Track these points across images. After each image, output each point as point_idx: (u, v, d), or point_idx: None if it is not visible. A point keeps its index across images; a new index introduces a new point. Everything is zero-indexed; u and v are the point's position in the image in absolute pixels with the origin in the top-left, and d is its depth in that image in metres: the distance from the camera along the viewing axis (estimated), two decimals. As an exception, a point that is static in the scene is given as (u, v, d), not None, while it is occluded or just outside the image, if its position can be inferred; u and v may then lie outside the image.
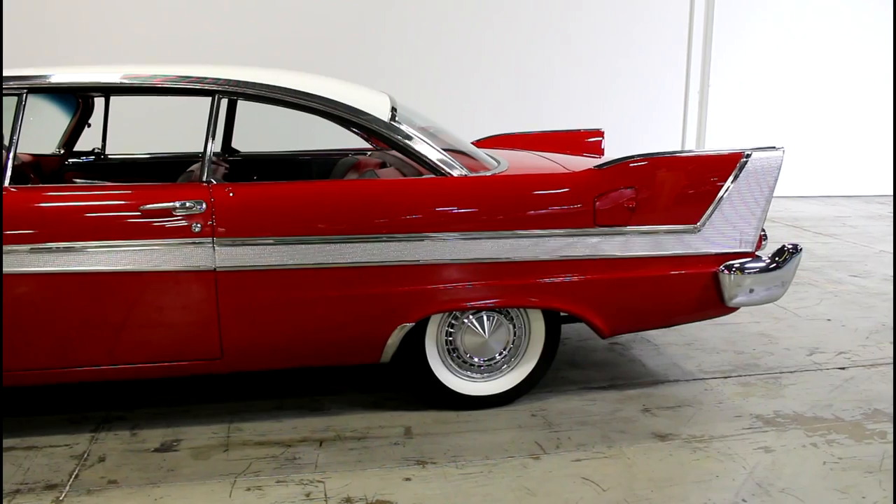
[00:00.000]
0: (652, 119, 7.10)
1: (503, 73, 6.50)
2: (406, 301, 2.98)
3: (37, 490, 2.66)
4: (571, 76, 6.66)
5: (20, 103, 2.92)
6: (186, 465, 2.82)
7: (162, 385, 3.48)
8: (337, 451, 2.91)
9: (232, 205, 2.84)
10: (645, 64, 6.85)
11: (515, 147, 4.37)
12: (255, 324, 2.92)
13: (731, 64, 7.21)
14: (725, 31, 7.06)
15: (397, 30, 6.35)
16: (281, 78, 3.07)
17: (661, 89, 6.95)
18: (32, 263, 2.76)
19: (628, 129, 6.46)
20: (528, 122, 5.36)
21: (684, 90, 7.05)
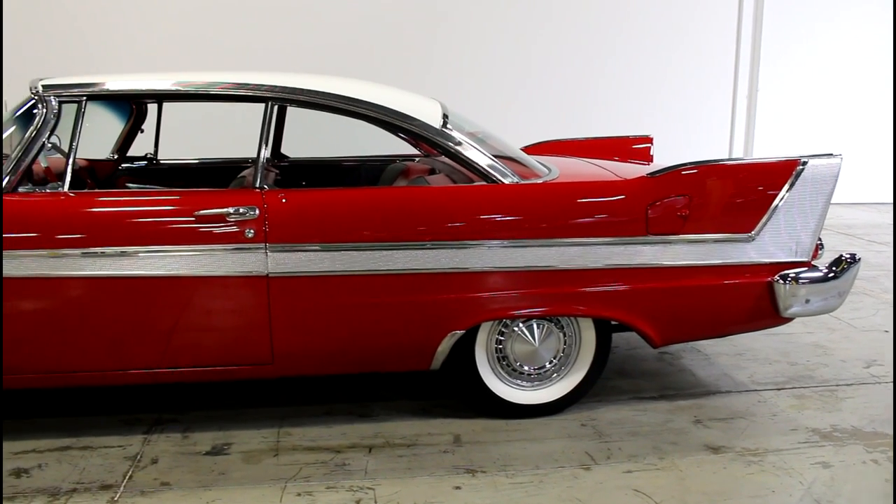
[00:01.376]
0: (699, 125, 7.01)
1: (550, 79, 6.47)
2: (457, 308, 2.97)
3: (92, 490, 2.70)
4: (618, 82, 6.62)
5: (80, 110, 2.97)
6: (237, 468, 2.85)
7: (212, 388, 3.51)
8: (386, 458, 2.91)
9: (284, 211, 2.86)
10: (692, 69, 6.78)
11: (563, 154, 4.34)
12: (307, 329, 2.93)
13: (779, 68, 7.10)
14: (774, 36, 6.95)
15: (445, 36, 6.36)
16: (333, 85, 3.09)
17: (708, 95, 6.86)
18: (87, 267, 2.81)
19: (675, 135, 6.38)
20: (574, 129, 5.33)
21: (732, 95, 6.95)
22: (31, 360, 2.94)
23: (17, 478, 2.78)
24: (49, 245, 2.78)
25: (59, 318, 2.88)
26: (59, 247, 2.79)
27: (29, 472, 2.82)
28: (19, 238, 2.78)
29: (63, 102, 2.98)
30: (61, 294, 2.85)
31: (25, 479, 2.77)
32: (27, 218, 2.82)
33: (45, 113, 2.95)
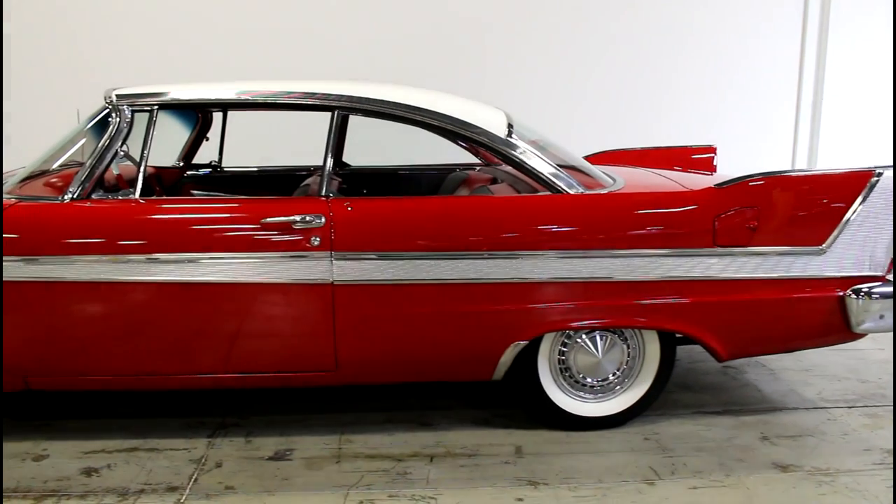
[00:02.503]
0: (760, 134, 6.85)
1: (608, 87, 6.40)
2: (521, 319, 2.96)
3: (159, 491, 2.75)
4: (677, 90, 6.52)
5: (151, 119, 3.04)
6: (300, 474, 2.87)
7: (273, 393, 3.55)
8: (448, 468, 2.90)
9: (350, 219, 2.88)
10: (754, 78, 6.63)
11: (622, 163, 4.29)
12: (371, 338, 2.94)
13: (845, 76, 6.92)
14: (840, 42, 6.79)
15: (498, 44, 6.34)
16: (398, 94, 3.10)
17: (770, 103, 6.71)
18: (156, 272, 2.86)
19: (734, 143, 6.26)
20: (631, 138, 5.26)
21: (796, 103, 6.79)
22: (100, 362, 3.01)
23: (88, 476, 2.85)
24: (120, 251, 2.84)
25: (129, 322, 2.94)
26: (130, 252, 2.85)
27: (99, 472, 2.88)
28: (93, 243, 2.85)
29: (135, 111, 3.05)
30: (130, 299, 2.91)
31: (96, 478, 2.83)
32: (100, 224, 2.89)
33: (119, 122, 3.02)
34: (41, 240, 2.86)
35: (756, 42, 6.58)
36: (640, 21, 6.41)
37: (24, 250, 2.84)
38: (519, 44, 6.37)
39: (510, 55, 6.35)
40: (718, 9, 6.45)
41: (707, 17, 6.44)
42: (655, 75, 6.46)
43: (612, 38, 6.40)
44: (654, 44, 6.45)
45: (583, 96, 6.41)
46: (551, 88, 6.38)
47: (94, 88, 5.54)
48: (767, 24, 6.59)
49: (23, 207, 2.94)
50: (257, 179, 4.41)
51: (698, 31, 6.47)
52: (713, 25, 6.47)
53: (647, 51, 6.44)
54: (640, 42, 6.43)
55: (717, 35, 6.50)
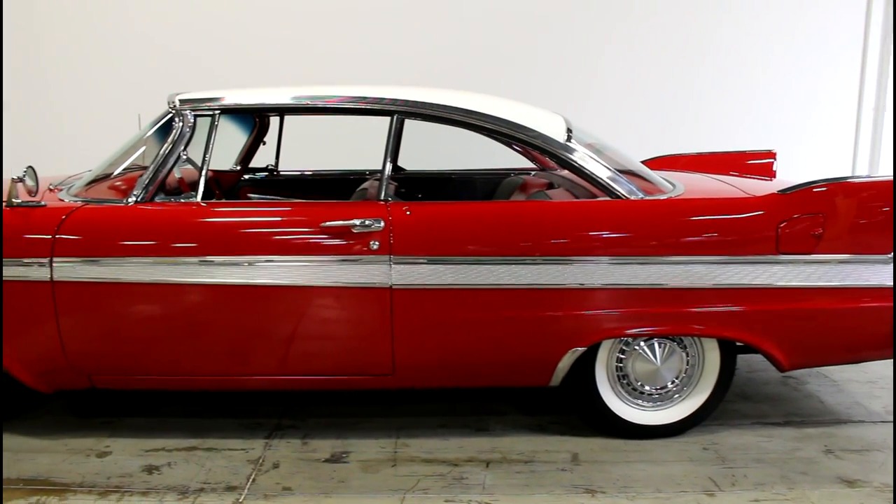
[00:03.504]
0: (819, 139, 6.71)
1: (662, 91, 6.33)
2: (579, 325, 2.93)
3: (218, 490, 2.78)
4: (734, 95, 6.42)
5: (213, 123, 3.09)
6: (356, 477, 2.88)
7: (328, 395, 3.57)
8: (504, 474, 2.89)
9: (409, 223, 2.89)
10: (814, 82, 6.50)
11: (679, 168, 4.23)
12: (429, 342, 2.94)
13: (908, 81, 6.74)
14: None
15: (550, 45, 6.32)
16: (457, 98, 3.10)
17: (830, 107, 6.56)
18: (218, 275, 2.90)
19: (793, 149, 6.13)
20: (685, 143, 5.20)
21: (857, 108, 6.63)
22: (159, 363, 3.06)
23: (149, 474, 2.90)
24: (183, 253, 2.89)
25: (188, 323, 2.99)
26: (192, 255, 2.89)
27: (160, 470, 2.93)
28: (156, 246, 2.90)
29: (198, 116, 3.10)
30: (190, 300, 2.96)
31: (157, 476, 2.88)
32: (163, 226, 2.94)
33: (182, 126, 3.07)
34: (106, 242, 2.92)
35: (817, 46, 6.44)
36: (697, 24, 6.33)
37: (89, 252, 2.90)
38: (572, 47, 6.33)
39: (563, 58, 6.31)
40: (779, 12, 6.33)
41: (768, 21, 6.33)
42: (713, 79, 6.36)
43: (669, 41, 6.33)
44: (712, 48, 6.35)
45: (638, 100, 6.34)
46: (606, 93, 6.33)
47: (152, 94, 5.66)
48: (829, 27, 6.45)
49: (89, 210, 3.00)
50: (312, 183, 4.45)
51: (757, 35, 6.36)
52: (773, 29, 6.35)
53: (703, 55, 6.34)
54: (697, 45, 6.34)
55: (777, 38, 6.38)
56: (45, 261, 2.90)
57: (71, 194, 3.17)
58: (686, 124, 6.36)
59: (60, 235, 2.91)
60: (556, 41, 6.31)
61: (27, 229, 2.94)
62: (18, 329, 3.00)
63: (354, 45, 6.34)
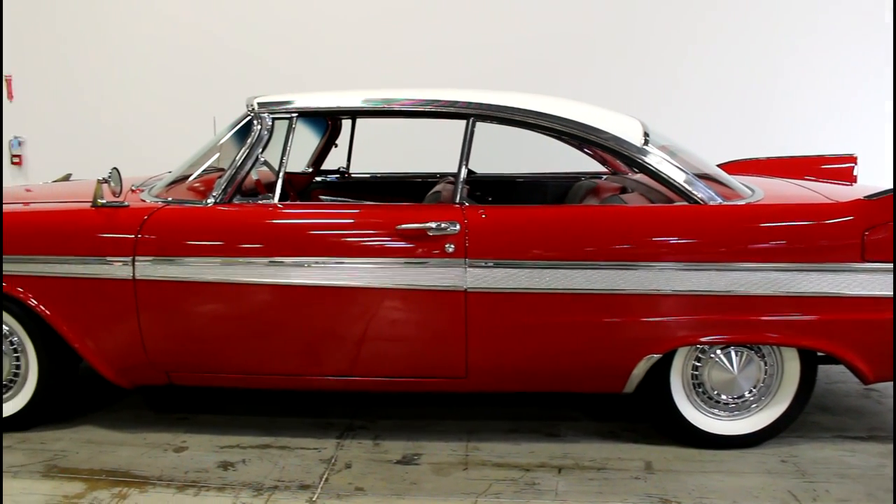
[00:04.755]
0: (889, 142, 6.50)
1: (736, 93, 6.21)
2: (655, 331, 2.89)
3: (292, 488, 2.82)
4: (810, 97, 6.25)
5: (290, 126, 3.13)
6: (428, 479, 2.88)
7: (398, 397, 3.58)
8: (576, 480, 2.86)
9: (485, 227, 2.88)
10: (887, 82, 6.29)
11: (755, 172, 4.14)
12: (503, 346, 2.94)
13: None
14: None
15: (624, 48, 6.24)
16: (532, 101, 3.09)
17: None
18: (293, 276, 2.94)
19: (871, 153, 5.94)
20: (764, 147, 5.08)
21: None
22: (234, 361, 3.12)
23: (225, 470, 2.95)
24: (261, 253, 2.94)
25: (265, 323, 3.03)
26: (270, 255, 2.94)
27: (234, 466, 2.98)
28: (234, 246, 2.95)
29: (276, 119, 3.15)
30: (266, 300, 3.01)
31: (232, 472, 2.93)
32: (242, 227, 3.00)
33: (260, 129, 3.13)
34: (186, 242, 2.99)
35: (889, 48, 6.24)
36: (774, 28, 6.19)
37: (169, 251, 2.97)
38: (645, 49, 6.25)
39: (641, 61, 6.24)
40: (861, 15, 6.14)
41: (849, 23, 6.15)
42: (790, 83, 6.21)
43: (743, 44, 6.20)
44: (792, 51, 6.20)
45: (713, 104, 6.22)
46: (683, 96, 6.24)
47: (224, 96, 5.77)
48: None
49: (170, 211, 3.08)
50: (382, 186, 4.48)
51: (837, 37, 6.19)
52: (852, 32, 6.17)
53: (782, 58, 6.20)
54: (775, 49, 6.20)
55: (856, 40, 6.19)
56: (127, 259, 2.99)
57: (152, 195, 3.25)
58: (759, 128, 6.22)
59: (143, 235, 2.99)
60: (635, 43, 6.23)
61: (111, 229, 3.03)
62: (101, 326, 3.09)
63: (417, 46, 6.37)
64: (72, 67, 7.01)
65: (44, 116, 7.14)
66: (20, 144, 7.23)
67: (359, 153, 4.68)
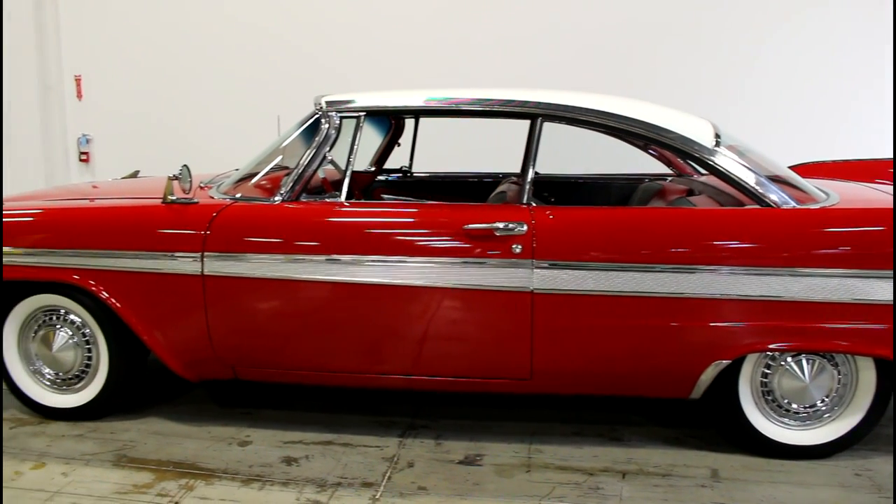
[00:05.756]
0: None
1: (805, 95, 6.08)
2: (724, 337, 2.83)
3: (355, 486, 2.83)
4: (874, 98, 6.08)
5: (358, 125, 3.15)
6: (490, 481, 2.87)
7: (459, 397, 3.58)
8: (641, 486, 2.82)
9: (552, 228, 2.86)
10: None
11: (823, 175, 4.03)
12: (569, 348, 2.91)
13: None
14: None
15: (690, 47, 6.16)
16: (603, 102, 3.05)
17: None
18: (358, 274, 2.96)
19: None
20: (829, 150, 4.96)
21: None
22: (297, 357, 3.15)
23: (288, 465, 2.98)
24: (328, 251, 2.96)
25: (328, 320, 3.06)
26: (337, 253, 2.96)
27: (298, 462, 3.01)
28: (302, 244, 2.98)
29: (343, 118, 3.17)
30: (330, 298, 3.02)
31: (295, 468, 2.96)
32: (310, 225, 3.02)
33: (328, 128, 3.15)
34: (254, 238, 3.03)
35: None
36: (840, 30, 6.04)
37: (237, 248, 3.02)
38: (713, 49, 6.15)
39: (698, 60, 6.15)
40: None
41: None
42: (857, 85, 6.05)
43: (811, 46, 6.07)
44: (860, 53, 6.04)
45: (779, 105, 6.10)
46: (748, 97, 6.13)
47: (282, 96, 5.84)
48: None
49: (238, 208, 3.12)
50: (444, 185, 4.48)
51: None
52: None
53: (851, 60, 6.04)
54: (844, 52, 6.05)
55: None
56: (196, 255, 3.04)
57: (220, 192, 3.30)
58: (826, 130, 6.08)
59: (212, 231, 3.03)
60: (703, 44, 6.15)
61: (181, 225, 3.08)
62: (170, 319, 3.15)
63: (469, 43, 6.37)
64: (138, 67, 7.18)
65: (111, 115, 7.32)
66: (88, 142, 7.42)
67: (417, 152, 4.70)
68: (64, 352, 3.31)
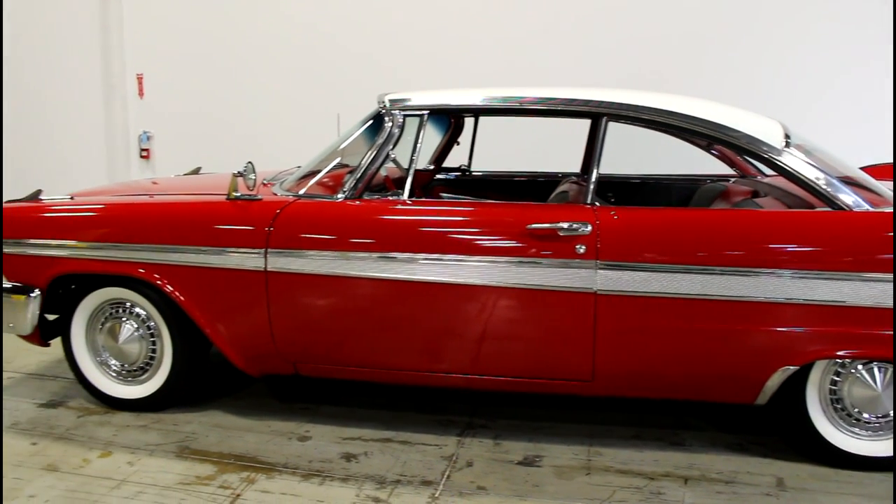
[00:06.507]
0: None
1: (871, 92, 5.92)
2: (792, 342, 2.77)
3: (414, 483, 2.84)
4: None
5: (421, 124, 3.15)
6: (550, 482, 2.85)
7: (517, 397, 3.56)
8: (704, 493, 2.77)
9: (617, 228, 2.83)
10: None
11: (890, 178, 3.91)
12: (633, 350, 2.87)
13: None
14: None
15: (780, 51, 6.04)
16: (670, 102, 3.01)
17: None
18: (419, 272, 2.96)
19: None
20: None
21: None
22: (356, 354, 3.16)
23: (348, 461, 3.00)
24: (390, 249, 2.97)
25: (387, 317, 3.06)
26: (399, 251, 2.96)
27: (357, 458, 3.02)
28: (365, 241, 2.99)
29: (407, 116, 3.18)
30: (389, 295, 3.03)
31: (355, 464, 2.97)
32: (373, 222, 3.03)
33: (391, 126, 3.16)
34: (317, 235, 3.05)
35: None
36: None
37: (301, 244, 3.04)
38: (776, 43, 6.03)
39: (786, 62, 6.03)
40: None
41: None
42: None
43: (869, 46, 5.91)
44: None
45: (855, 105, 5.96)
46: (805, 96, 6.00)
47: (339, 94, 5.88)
48: None
49: (301, 205, 3.15)
50: (501, 184, 4.46)
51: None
52: None
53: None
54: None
55: None
56: (260, 251, 3.07)
57: (284, 189, 3.33)
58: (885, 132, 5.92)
59: (275, 228, 3.06)
60: (780, 43, 6.03)
61: (245, 221, 3.12)
62: (233, 314, 3.19)
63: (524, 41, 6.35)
64: (198, 66, 7.31)
65: (171, 113, 7.46)
66: (149, 139, 7.57)
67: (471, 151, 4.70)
68: (129, 344, 3.38)
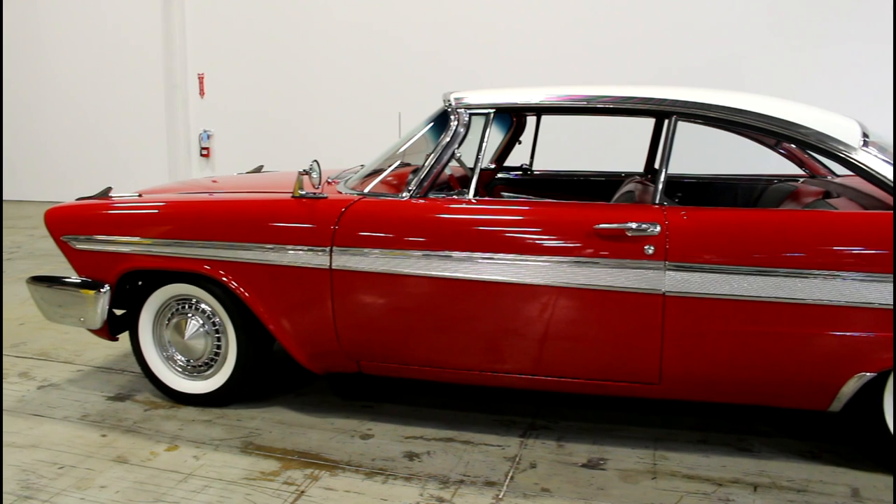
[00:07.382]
0: None
1: None
2: (868, 348, 2.68)
3: (478, 484, 2.82)
4: None
5: (487, 122, 3.14)
6: (615, 486, 2.81)
7: (580, 399, 3.53)
8: (774, 501, 2.70)
9: (686, 229, 2.78)
10: None
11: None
12: (701, 353, 2.82)
13: None
14: None
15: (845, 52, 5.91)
16: (739, 100, 2.94)
17: None
18: (485, 271, 2.94)
19: None
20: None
21: None
22: (418, 353, 3.16)
23: (410, 460, 3.00)
24: (455, 248, 2.96)
25: (450, 317, 3.05)
26: (464, 250, 2.96)
27: (420, 457, 3.02)
28: (430, 240, 2.99)
29: (472, 115, 3.17)
30: (452, 295, 3.02)
31: (417, 463, 2.97)
32: (439, 221, 3.03)
33: (457, 125, 3.15)
34: (382, 234, 3.05)
35: None
36: None
37: (365, 243, 3.05)
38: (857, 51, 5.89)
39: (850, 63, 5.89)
40: None
41: None
42: None
43: None
44: None
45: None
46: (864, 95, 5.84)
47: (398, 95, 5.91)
48: None
49: (366, 203, 3.16)
50: (563, 184, 4.43)
51: None
52: None
53: None
54: None
55: None
56: (325, 249, 3.09)
57: (348, 187, 3.35)
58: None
59: (340, 226, 3.08)
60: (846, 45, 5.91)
61: (311, 219, 3.14)
62: (297, 311, 3.21)
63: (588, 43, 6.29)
64: (258, 67, 7.43)
65: (231, 112, 7.60)
66: (209, 138, 7.72)
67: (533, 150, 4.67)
68: (195, 339, 3.43)
